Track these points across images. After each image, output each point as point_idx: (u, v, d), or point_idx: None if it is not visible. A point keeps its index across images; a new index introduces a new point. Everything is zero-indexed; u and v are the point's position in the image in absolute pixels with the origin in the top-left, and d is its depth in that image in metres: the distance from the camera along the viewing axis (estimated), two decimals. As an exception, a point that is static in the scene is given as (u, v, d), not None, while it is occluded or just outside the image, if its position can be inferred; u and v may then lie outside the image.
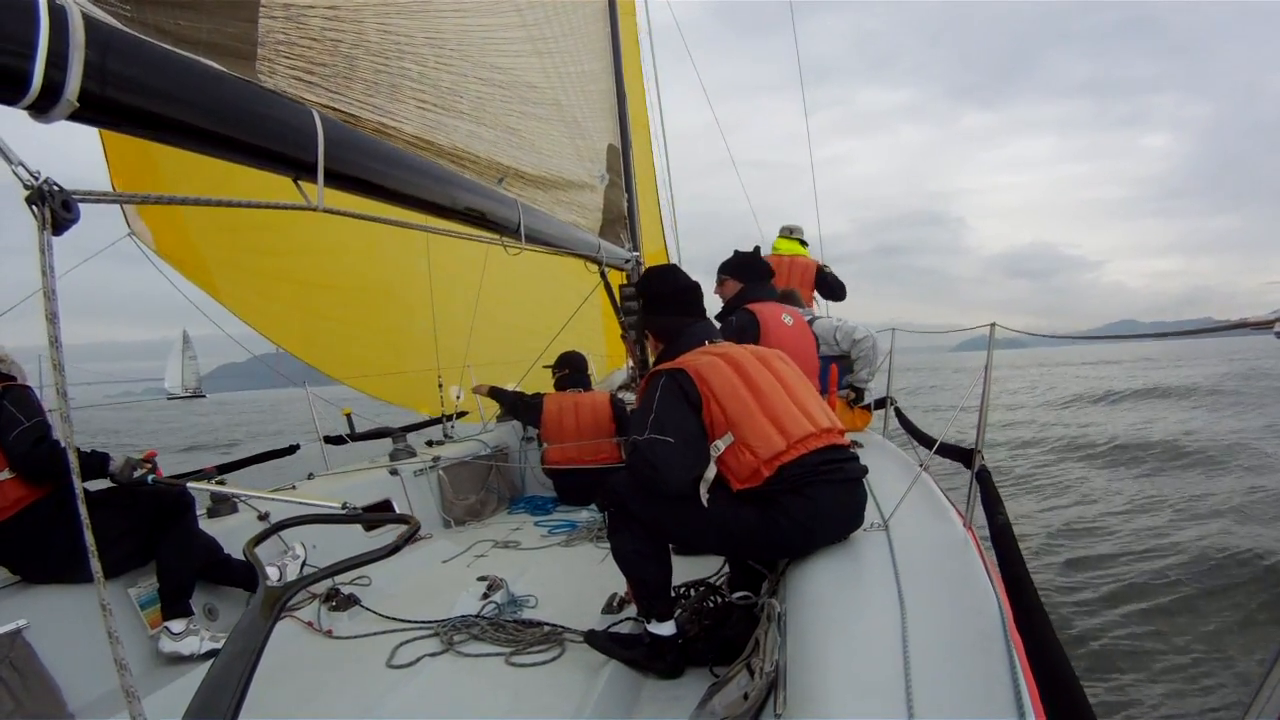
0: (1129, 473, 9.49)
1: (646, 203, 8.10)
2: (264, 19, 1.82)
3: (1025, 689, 1.03)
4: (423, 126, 2.47)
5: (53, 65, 1.11)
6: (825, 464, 1.78)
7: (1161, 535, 6.37)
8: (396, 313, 5.89)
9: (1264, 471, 8.67)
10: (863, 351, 3.66)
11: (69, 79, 1.14)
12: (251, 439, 20.21)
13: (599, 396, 4.35)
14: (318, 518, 1.74)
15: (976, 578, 1.46)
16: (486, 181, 2.94)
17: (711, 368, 1.85)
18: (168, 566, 2.30)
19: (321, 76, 2.01)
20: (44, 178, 1.05)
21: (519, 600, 2.62)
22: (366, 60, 2.19)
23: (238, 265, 4.51)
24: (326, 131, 1.80)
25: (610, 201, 4.83)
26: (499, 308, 6.45)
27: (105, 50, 1.22)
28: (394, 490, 3.59)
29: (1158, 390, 20.97)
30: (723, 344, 2.02)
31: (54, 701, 1.87)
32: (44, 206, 1.04)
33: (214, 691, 1.02)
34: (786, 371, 1.98)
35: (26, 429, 2.09)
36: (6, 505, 2.06)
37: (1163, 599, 4.86)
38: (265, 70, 1.82)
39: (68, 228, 1.09)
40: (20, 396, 2.16)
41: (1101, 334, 6.99)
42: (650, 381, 1.92)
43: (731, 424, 1.78)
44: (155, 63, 1.38)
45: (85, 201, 1.15)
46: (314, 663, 2.20)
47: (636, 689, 1.93)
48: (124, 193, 2.82)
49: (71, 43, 1.14)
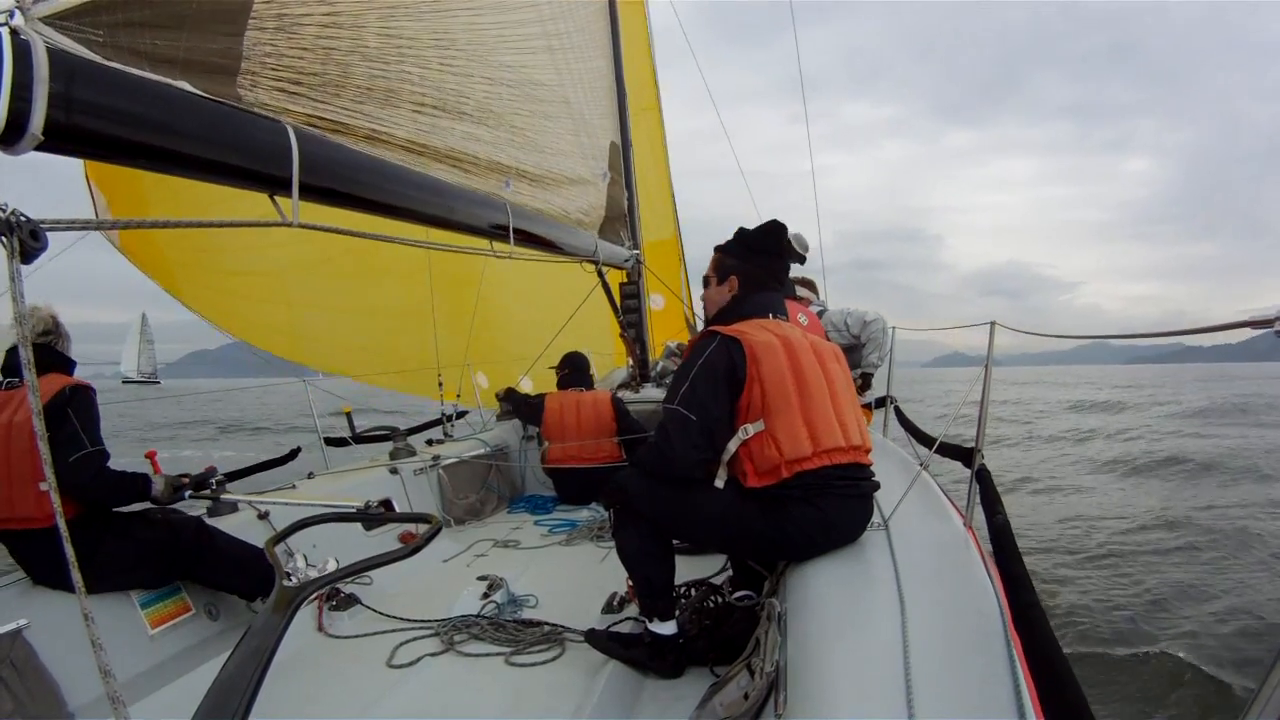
0: (1128, 476, 9.49)
1: (661, 191, 8.07)
2: (252, 30, 1.80)
3: (1025, 689, 1.03)
4: (417, 130, 2.46)
5: (17, 98, 1.11)
6: (842, 479, 1.77)
7: (1162, 535, 6.37)
8: (395, 298, 5.86)
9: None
10: (873, 334, 3.63)
11: (34, 113, 1.14)
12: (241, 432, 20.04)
13: (600, 395, 4.35)
14: (340, 516, 1.71)
15: (976, 577, 1.46)
16: (487, 184, 2.93)
17: (767, 350, 1.78)
18: (213, 583, 2.41)
19: (309, 86, 1.99)
20: (10, 209, 1.04)
21: (519, 600, 2.62)
22: (362, 66, 2.17)
23: (202, 267, 4.52)
24: (302, 146, 1.79)
25: (611, 199, 4.82)
26: (504, 302, 6.43)
27: (70, 81, 1.22)
28: (394, 489, 3.58)
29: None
30: (786, 326, 1.93)
31: (54, 701, 1.87)
32: (12, 236, 1.03)
33: (226, 691, 1.02)
34: (838, 375, 1.90)
35: (90, 455, 2.05)
36: (46, 516, 2.02)
37: (1163, 599, 4.86)
38: (247, 84, 1.81)
39: (36, 256, 1.07)
40: (85, 407, 2.10)
41: (1081, 351, 6.95)
42: (704, 339, 1.86)
43: (768, 413, 1.74)
44: (123, 90, 1.38)
45: (54, 230, 1.14)
46: (314, 662, 2.20)
47: (637, 689, 1.93)
48: (92, 220, 2.81)
49: (36, 77, 1.14)
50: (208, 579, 2.41)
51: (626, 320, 5.41)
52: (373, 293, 5.79)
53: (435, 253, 5.23)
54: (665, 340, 6.18)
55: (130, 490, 2.18)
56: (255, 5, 1.81)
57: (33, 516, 2.04)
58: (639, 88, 6.21)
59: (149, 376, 31.11)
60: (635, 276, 5.51)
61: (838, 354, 1.98)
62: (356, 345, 5.78)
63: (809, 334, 1.96)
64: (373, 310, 5.79)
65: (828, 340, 2.08)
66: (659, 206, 8.00)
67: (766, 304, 1.97)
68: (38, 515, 2.03)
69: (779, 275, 2.07)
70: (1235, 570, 5.36)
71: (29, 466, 2.02)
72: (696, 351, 1.83)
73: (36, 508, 2.03)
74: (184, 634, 2.31)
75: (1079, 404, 24.28)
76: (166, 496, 2.27)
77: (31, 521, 2.04)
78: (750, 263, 2.00)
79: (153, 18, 1.52)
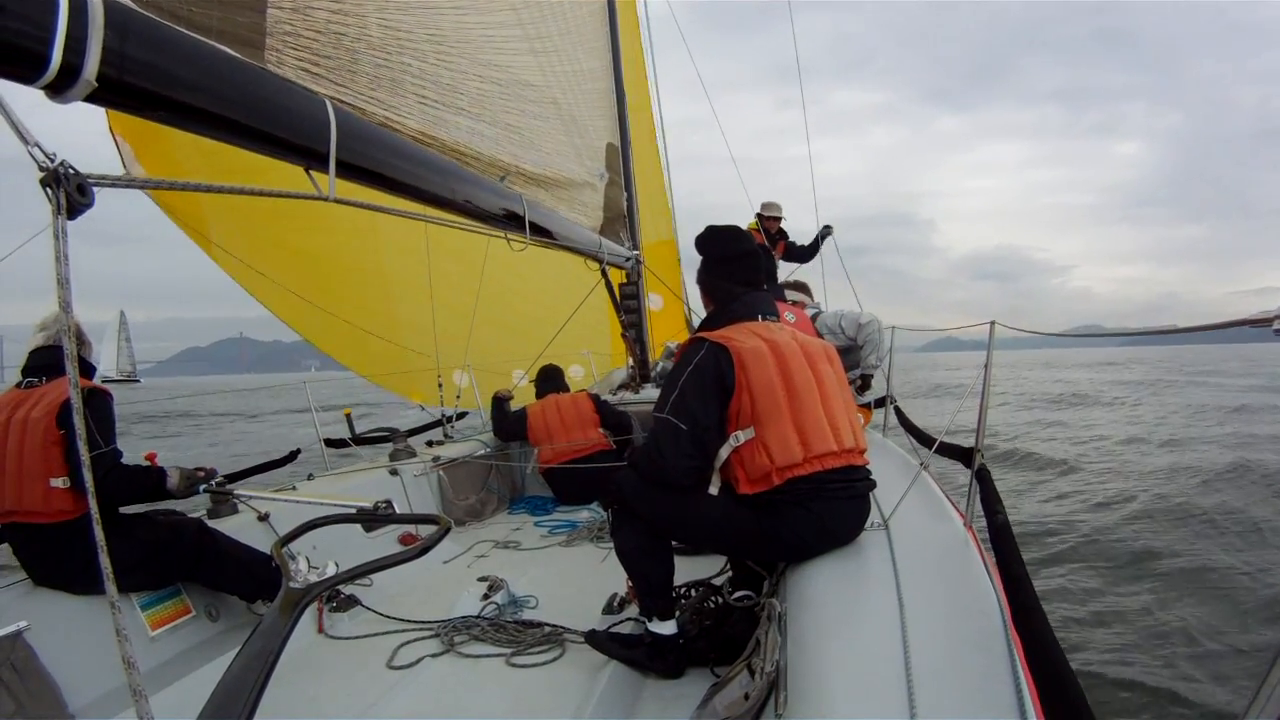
0: (1127, 472, 9.49)
1: (654, 194, 8.05)
2: (272, 9, 1.82)
3: (1025, 688, 1.03)
4: (425, 121, 2.47)
5: (71, 47, 1.09)
6: (835, 482, 1.76)
7: (1163, 536, 6.37)
8: (394, 296, 5.85)
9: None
10: (870, 335, 3.61)
11: (87, 60, 1.12)
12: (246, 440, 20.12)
13: (577, 394, 4.44)
14: (349, 517, 1.69)
15: (976, 577, 1.46)
16: (490, 179, 2.94)
17: (755, 357, 1.76)
18: (214, 585, 2.42)
19: (327, 69, 2.01)
20: (59, 160, 1.02)
21: (519, 601, 2.62)
22: (369, 54, 2.19)
23: (235, 216, 4.47)
24: (339, 122, 1.79)
25: (610, 200, 4.83)
26: (506, 301, 6.42)
27: (124, 33, 1.20)
28: (394, 490, 3.59)
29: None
30: (775, 329, 1.90)
31: (54, 702, 1.88)
32: (59, 190, 1.01)
33: (231, 692, 1.02)
34: (829, 376, 1.88)
35: (103, 454, 2.06)
36: (52, 512, 2.05)
37: (1164, 599, 4.86)
38: (274, 60, 1.83)
39: (83, 212, 1.05)
40: (102, 410, 2.12)
41: (1079, 335, 7.01)
42: (692, 346, 1.85)
43: (757, 420, 1.74)
44: (173, 47, 1.37)
45: (101, 186, 1.12)
46: (314, 663, 2.20)
47: (637, 689, 1.93)
48: (139, 178, 2.81)
49: (91, 23, 1.12)
50: (209, 581, 2.41)
51: (627, 320, 5.41)
52: (373, 293, 5.80)
53: (435, 254, 5.24)
54: (665, 340, 6.20)
55: (145, 485, 2.17)
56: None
57: (40, 511, 2.05)
58: (631, 88, 6.20)
59: (128, 375, 31.05)
60: (635, 277, 5.51)
61: (829, 353, 1.96)
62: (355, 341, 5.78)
63: (799, 334, 1.94)
64: (372, 311, 5.79)
65: (819, 338, 2.05)
66: (656, 207, 7.99)
67: (755, 304, 1.95)
68: (45, 510, 2.05)
69: (750, 274, 1.99)
70: (1237, 570, 5.36)
71: (40, 462, 2.04)
72: (685, 359, 1.82)
73: (44, 503, 2.05)
74: (184, 635, 2.31)
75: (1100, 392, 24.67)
76: (182, 489, 2.25)
77: (38, 516, 2.06)
78: (715, 276, 2.01)
79: None
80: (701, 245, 2.07)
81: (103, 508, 2.12)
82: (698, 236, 2.07)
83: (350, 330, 5.54)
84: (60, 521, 2.06)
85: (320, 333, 5.49)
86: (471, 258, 4.99)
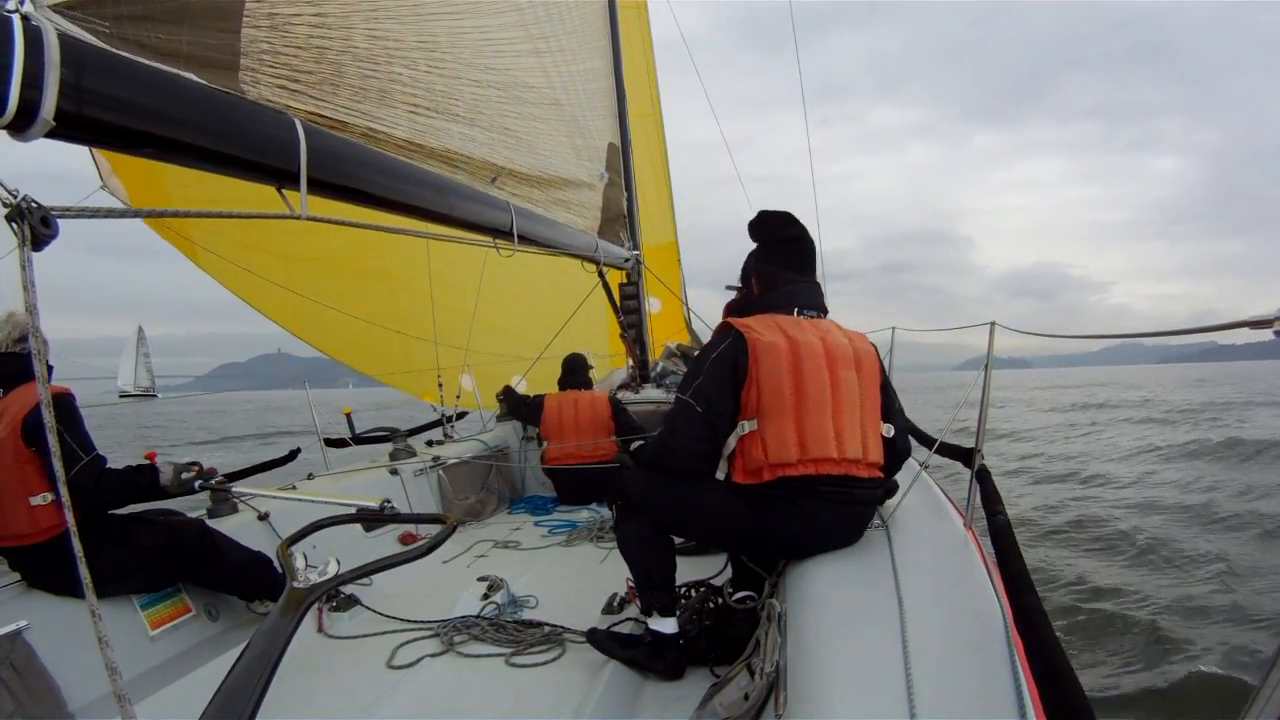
0: (1130, 474, 9.49)
1: (660, 196, 8.07)
2: (247, 28, 1.81)
3: (1025, 689, 1.03)
4: (413, 130, 2.47)
5: (28, 85, 1.10)
6: (829, 486, 1.74)
7: (1163, 535, 6.37)
8: (392, 294, 5.86)
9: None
10: None
11: (45, 98, 1.13)
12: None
13: (598, 395, 4.37)
14: (355, 517, 1.68)
15: (977, 578, 1.46)
16: (479, 183, 2.93)
17: (770, 351, 1.74)
18: (214, 585, 2.42)
19: (307, 84, 2.00)
20: (21, 195, 1.03)
21: (519, 600, 2.62)
22: (354, 66, 2.18)
23: (220, 234, 4.47)
24: (309, 140, 1.79)
25: (610, 200, 4.82)
26: (504, 303, 6.42)
27: (81, 68, 1.21)
28: (394, 490, 3.59)
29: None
30: (805, 326, 1.83)
31: (54, 702, 1.87)
32: (23, 224, 1.02)
33: (234, 692, 1.02)
34: (848, 382, 1.80)
35: (87, 466, 1.98)
36: (41, 530, 2.00)
37: (1164, 598, 4.86)
38: (249, 80, 1.82)
39: (47, 243, 1.07)
40: (70, 414, 2.03)
41: (1111, 352, 6.95)
42: (721, 331, 1.86)
43: (761, 414, 1.74)
44: (133, 79, 1.37)
45: (65, 217, 1.14)
46: (314, 663, 2.20)
47: (637, 689, 1.93)
48: (104, 208, 2.80)
49: (47, 62, 1.13)
50: (209, 581, 2.41)
51: (626, 321, 5.41)
52: (372, 292, 5.80)
53: (435, 257, 5.24)
54: (665, 341, 6.19)
55: (137, 486, 2.14)
56: (247, 3, 1.82)
57: (27, 532, 2.00)
58: (637, 93, 6.20)
59: (145, 390, 31.02)
60: (635, 277, 5.51)
61: (861, 358, 1.86)
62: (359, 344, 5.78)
63: (832, 334, 1.86)
64: (372, 311, 5.78)
65: (855, 340, 1.91)
66: (658, 211, 8.00)
67: (794, 296, 1.90)
68: (31, 530, 2.00)
69: (792, 260, 1.97)
70: (1237, 569, 5.36)
71: (18, 482, 1.97)
72: (715, 342, 1.85)
73: (30, 523, 1.99)
74: (184, 635, 2.31)
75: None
76: (175, 485, 2.22)
77: (26, 537, 2.00)
78: (760, 257, 2.00)
79: (155, 11, 1.53)
80: (752, 230, 2.06)
81: (97, 514, 2.10)
82: (750, 221, 2.06)
83: (350, 330, 5.55)
84: (55, 538, 2.00)
85: (321, 333, 5.48)
86: (472, 260, 5.00)
